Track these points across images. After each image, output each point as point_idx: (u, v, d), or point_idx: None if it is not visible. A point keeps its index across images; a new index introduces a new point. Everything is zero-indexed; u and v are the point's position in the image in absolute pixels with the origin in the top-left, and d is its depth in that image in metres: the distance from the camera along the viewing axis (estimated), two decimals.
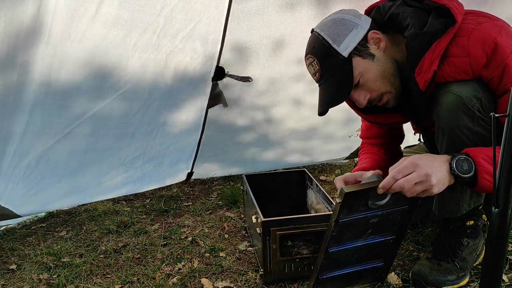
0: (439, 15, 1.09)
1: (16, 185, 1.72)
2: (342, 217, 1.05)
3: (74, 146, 1.80)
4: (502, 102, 1.06)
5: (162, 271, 1.45)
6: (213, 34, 1.83)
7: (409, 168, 0.99)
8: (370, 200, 1.04)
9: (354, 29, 1.15)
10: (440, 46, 1.06)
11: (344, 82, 1.16)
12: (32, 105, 1.58)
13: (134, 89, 1.79)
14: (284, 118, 2.25)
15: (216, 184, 2.41)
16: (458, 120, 1.07)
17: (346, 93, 1.18)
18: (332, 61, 1.15)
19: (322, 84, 1.20)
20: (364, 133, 1.54)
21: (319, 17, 1.87)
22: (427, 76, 1.08)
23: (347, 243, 1.12)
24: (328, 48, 1.15)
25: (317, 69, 1.18)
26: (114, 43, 1.60)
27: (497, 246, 0.80)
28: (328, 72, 1.17)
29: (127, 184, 2.09)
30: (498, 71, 1.03)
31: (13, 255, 1.63)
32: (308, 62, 1.22)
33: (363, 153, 1.50)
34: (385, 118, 1.34)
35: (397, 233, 1.16)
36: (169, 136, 2.09)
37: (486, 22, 1.07)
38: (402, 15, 1.13)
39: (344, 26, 1.15)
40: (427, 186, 0.99)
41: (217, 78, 2.00)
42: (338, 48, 1.14)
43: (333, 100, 1.19)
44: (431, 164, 1.01)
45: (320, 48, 1.16)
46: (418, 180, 0.98)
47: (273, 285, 1.32)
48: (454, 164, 1.02)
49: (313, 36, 1.21)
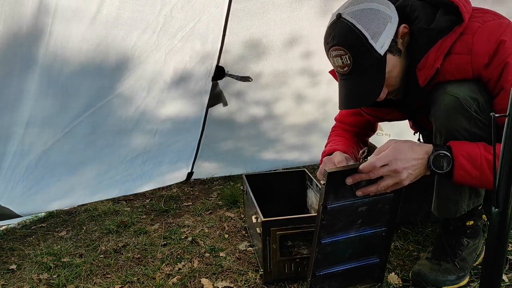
0: (447, 11, 1.08)
1: (16, 185, 1.72)
2: (329, 203, 1.06)
3: (74, 144, 1.80)
4: (498, 102, 1.05)
5: (162, 271, 1.45)
6: (213, 33, 1.83)
7: (386, 159, 1.03)
8: (355, 185, 1.06)
9: (389, 23, 1.06)
10: (446, 44, 1.05)
11: (376, 81, 1.10)
12: (32, 105, 1.58)
13: (134, 88, 1.79)
14: (284, 114, 2.25)
15: (216, 184, 2.41)
16: (455, 121, 1.07)
17: (377, 93, 1.11)
18: (367, 58, 1.06)
19: (350, 80, 1.12)
20: (343, 118, 1.51)
21: (319, 16, 1.89)
22: (429, 73, 1.08)
23: (339, 234, 1.13)
24: (365, 44, 1.04)
25: (348, 63, 1.08)
26: (114, 42, 1.60)
27: (497, 246, 0.80)
28: (360, 69, 1.08)
29: (127, 183, 2.09)
30: (498, 70, 1.03)
31: (13, 255, 1.63)
32: (335, 53, 1.09)
33: (335, 135, 1.47)
34: (383, 113, 1.33)
35: (388, 224, 1.17)
36: (168, 135, 2.09)
37: (492, 20, 1.06)
38: (411, 8, 1.11)
39: (381, 19, 1.05)
40: (396, 180, 1.04)
41: (217, 78, 1.99)
42: (375, 45, 1.05)
43: (363, 100, 1.14)
44: (408, 157, 1.04)
45: (356, 41, 1.05)
46: (386, 173, 1.03)
47: (273, 285, 1.32)
48: (431, 159, 1.05)
49: (344, 26, 1.06)
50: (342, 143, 1.39)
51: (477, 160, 1.03)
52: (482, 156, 1.02)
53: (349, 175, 1.06)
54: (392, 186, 1.06)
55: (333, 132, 1.53)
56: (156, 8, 1.61)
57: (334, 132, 1.52)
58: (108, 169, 2.00)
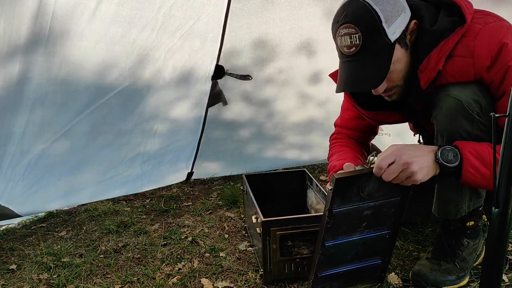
0: (449, 12, 1.07)
1: (16, 184, 1.72)
2: (335, 207, 1.05)
3: (73, 144, 1.80)
4: (501, 105, 1.04)
5: (162, 271, 1.45)
6: (212, 32, 1.82)
7: (391, 156, 1.01)
8: (362, 189, 1.05)
9: (403, 13, 1.05)
10: (448, 46, 1.05)
11: (380, 68, 1.07)
12: (32, 104, 1.58)
13: (133, 86, 1.79)
14: (285, 113, 2.25)
15: (216, 184, 2.41)
16: (457, 124, 1.06)
17: (379, 80, 1.08)
18: (378, 41, 1.04)
19: (354, 62, 1.08)
20: (345, 122, 1.47)
21: (318, 15, 1.89)
22: (431, 75, 1.07)
23: (343, 237, 1.12)
24: (379, 26, 1.02)
25: (357, 43, 1.04)
26: (113, 40, 1.60)
27: (497, 246, 0.80)
28: (368, 51, 1.05)
29: (127, 182, 2.09)
30: (500, 73, 1.02)
31: (13, 255, 1.63)
32: (345, 31, 1.05)
33: (339, 145, 1.44)
34: (384, 117, 1.32)
35: (392, 227, 1.16)
36: (168, 134, 2.08)
37: (492, 22, 1.05)
38: (416, 7, 1.10)
39: (397, 6, 1.04)
40: (408, 174, 1.01)
41: (217, 77, 1.99)
42: (388, 30, 1.03)
43: (364, 84, 1.10)
44: (413, 153, 1.02)
45: (370, 21, 1.02)
46: (399, 170, 1.01)
47: (273, 285, 1.32)
48: (439, 153, 1.03)
49: (360, 4, 1.04)
50: (350, 156, 1.35)
51: (485, 157, 1.01)
52: (490, 153, 1.01)
53: (357, 180, 1.04)
54: (406, 181, 1.02)
55: (335, 142, 1.48)
56: (155, 6, 1.60)
57: (337, 142, 1.47)
58: (108, 168, 2.00)
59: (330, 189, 1.02)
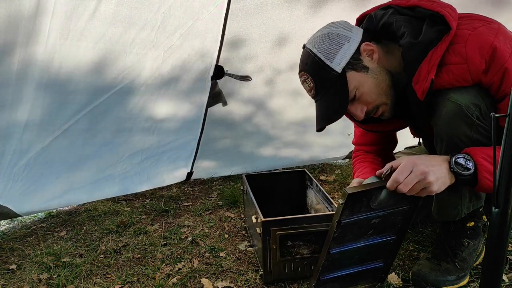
0: (433, 22, 1.07)
1: (15, 183, 1.72)
2: (344, 218, 1.05)
3: (72, 142, 1.80)
4: (502, 107, 1.04)
5: (162, 271, 1.45)
6: (212, 32, 1.82)
7: (408, 167, 1.00)
8: (372, 200, 1.04)
9: (346, 43, 1.12)
10: (437, 55, 1.04)
11: (340, 98, 1.15)
12: (31, 104, 1.58)
13: (132, 85, 1.79)
14: (283, 111, 2.25)
15: (216, 184, 2.41)
16: (457, 128, 1.06)
17: (343, 108, 1.16)
18: (326, 77, 1.13)
19: (318, 101, 1.19)
20: (358, 139, 1.49)
21: (318, 15, 1.89)
22: (425, 85, 1.06)
23: (348, 244, 1.12)
24: (321, 65, 1.13)
25: (312, 86, 1.17)
26: (113, 40, 1.60)
27: (497, 246, 0.80)
28: (323, 89, 1.16)
29: (125, 181, 2.09)
30: (498, 76, 1.01)
31: (13, 255, 1.63)
32: (302, 79, 1.20)
33: (359, 161, 1.45)
34: (382, 126, 1.32)
35: (398, 233, 1.16)
36: (167, 133, 2.08)
37: (481, 26, 1.05)
38: (396, 24, 1.11)
39: (336, 40, 1.13)
40: (425, 184, 1.00)
41: (217, 77, 1.99)
42: (331, 64, 1.12)
43: (331, 116, 1.18)
44: (428, 163, 1.01)
45: (313, 65, 1.14)
46: (416, 180, 0.99)
47: (273, 285, 1.32)
48: (453, 162, 1.02)
49: (305, 53, 1.18)
50: (368, 170, 1.35)
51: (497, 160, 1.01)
52: None
53: (369, 194, 1.03)
54: (421, 192, 1.01)
55: (356, 159, 1.49)
56: (154, 6, 1.60)
57: (357, 158, 1.49)
58: (107, 166, 2.00)
59: (341, 203, 1.01)
